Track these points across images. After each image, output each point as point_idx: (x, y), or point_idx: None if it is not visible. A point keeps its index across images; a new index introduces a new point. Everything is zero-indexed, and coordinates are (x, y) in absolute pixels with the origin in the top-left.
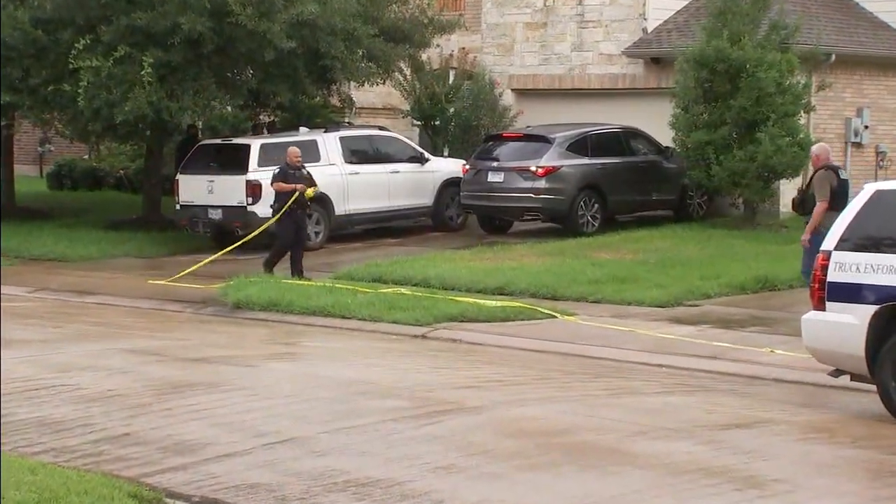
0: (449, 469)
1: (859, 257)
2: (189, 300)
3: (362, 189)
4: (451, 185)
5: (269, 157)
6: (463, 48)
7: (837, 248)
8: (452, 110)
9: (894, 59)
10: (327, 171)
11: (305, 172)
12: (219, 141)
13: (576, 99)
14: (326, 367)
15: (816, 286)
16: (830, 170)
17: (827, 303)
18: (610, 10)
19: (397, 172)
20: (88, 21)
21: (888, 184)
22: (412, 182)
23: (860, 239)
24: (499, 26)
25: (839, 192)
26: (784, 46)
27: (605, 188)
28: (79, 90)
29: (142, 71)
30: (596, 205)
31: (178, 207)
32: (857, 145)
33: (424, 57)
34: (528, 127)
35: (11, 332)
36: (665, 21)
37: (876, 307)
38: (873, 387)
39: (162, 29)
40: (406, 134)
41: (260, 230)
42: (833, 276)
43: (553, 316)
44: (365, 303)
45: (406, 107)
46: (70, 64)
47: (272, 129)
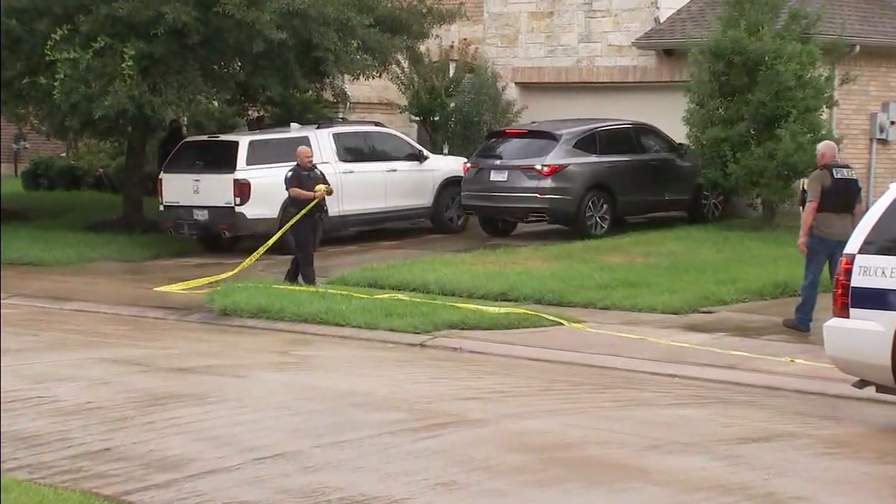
0: (449, 486)
1: (885, 261)
2: (173, 307)
3: (357, 189)
4: (452, 185)
5: (258, 155)
6: (464, 39)
7: (861, 251)
8: (453, 105)
9: None
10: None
11: (318, 172)
12: (205, 138)
13: (583, 93)
14: (319, 378)
15: (839, 291)
16: (826, 169)
17: (851, 309)
18: None
19: (394, 171)
20: (66, 10)
21: None
22: (410, 181)
23: (887, 241)
24: (502, 16)
25: (831, 193)
26: (805, 37)
27: (615, 188)
28: (55, 83)
29: (122, 63)
30: (605, 205)
31: (162, 208)
32: (883, 142)
33: (423, 48)
34: (533, 123)
35: None
36: (678, 10)
37: None
38: None
39: (144, 19)
40: (404, 130)
41: (280, 233)
42: (857, 281)
43: (559, 323)
44: (360, 309)
45: (403, 101)
46: (46, 56)
47: (261, 125)
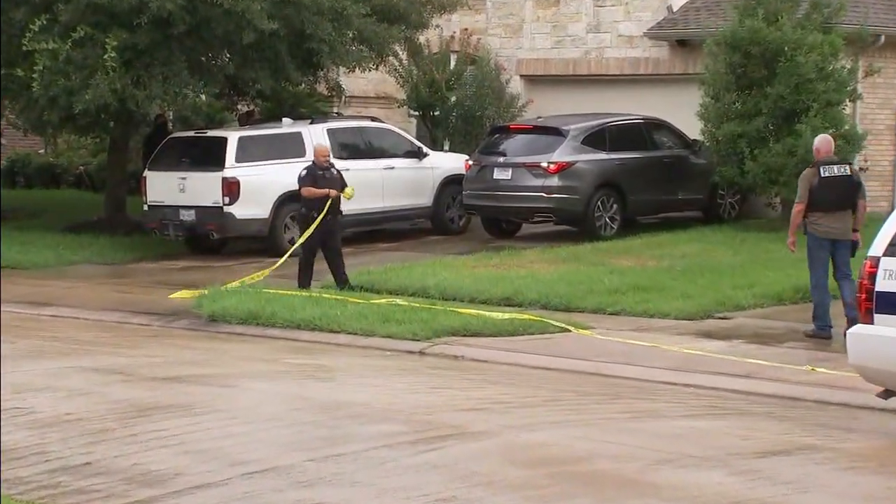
0: (450, 502)
1: None
2: (158, 312)
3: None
4: (453, 183)
5: (248, 152)
6: (465, 29)
7: (887, 254)
8: (454, 99)
9: None
10: None
11: (335, 172)
12: (191, 133)
13: (592, 86)
14: (313, 388)
15: (864, 296)
16: (815, 167)
17: (875, 315)
18: None
19: (392, 169)
20: None
21: None
22: (409, 180)
23: None
24: (506, 4)
25: (820, 191)
26: (827, 27)
27: (625, 186)
28: (33, 76)
29: (104, 55)
30: (615, 205)
31: (146, 208)
32: None
33: (422, 39)
34: (539, 118)
35: None
36: None
37: None
38: None
39: (127, 7)
40: (402, 126)
41: (302, 239)
42: (882, 286)
43: (567, 329)
44: (356, 315)
45: (402, 95)
46: (24, 46)
47: (251, 120)
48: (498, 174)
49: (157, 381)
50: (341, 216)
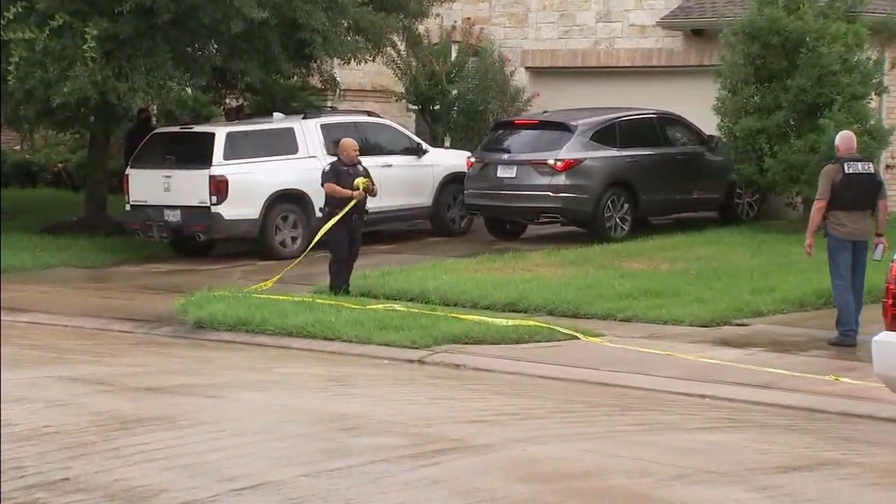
0: None
1: None
2: (141, 319)
3: None
4: (454, 182)
5: (237, 149)
6: (467, 18)
7: None
8: (455, 93)
9: None
10: (306, 165)
11: (362, 169)
12: (177, 129)
13: (602, 79)
14: (306, 398)
15: (890, 302)
16: (838, 163)
17: None
18: None
19: (389, 166)
20: None
21: None
22: (407, 178)
23: None
24: None
25: (842, 189)
26: (851, 15)
27: (637, 185)
28: (9, 67)
29: (84, 45)
30: (626, 205)
31: (128, 208)
32: None
33: (422, 29)
34: (546, 112)
35: None
36: None
37: None
38: None
39: None
40: (400, 121)
41: (319, 237)
42: None
43: (575, 337)
44: (351, 321)
45: (400, 89)
46: None
47: (240, 115)
48: (502, 172)
49: (141, 392)
50: (367, 215)
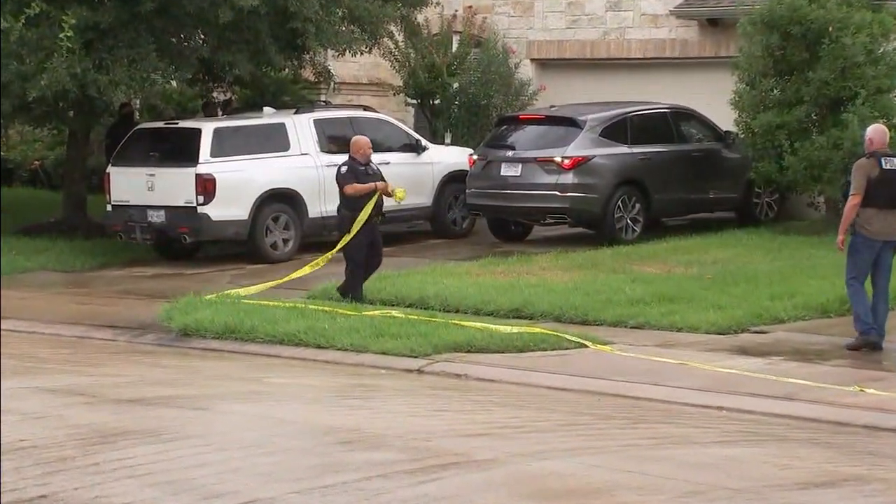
0: None
1: None
2: (123, 326)
3: None
4: (455, 181)
5: (226, 145)
6: (469, 7)
7: None
8: (456, 86)
9: None
10: (298, 163)
11: (375, 168)
12: (161, 124)
13: (612, 71)
14: (297, 410)
15: None
16: (873, 157)
17: None
18: None
19: (387, 164)
20: None
21: None
22: (406, 176)
23: None
24: None
25: (878, 185)
26: (876, 4)
27: (649, 184)
28: None
29: (62, 34)
30: (637, 205)
31: (110, 209)
32: None
33: (421, 18)
34: (552, 107)
35: None
36: None
37: None
38: None
39: None
40: (398, 116)
41: (345, 241)
42: None
43: (583, 345)
44: (346, 328)
45: (398, 82)
46: None
47: (228, 110)
48: (506, 170)
49: (122, 404)
50: (384, 217)
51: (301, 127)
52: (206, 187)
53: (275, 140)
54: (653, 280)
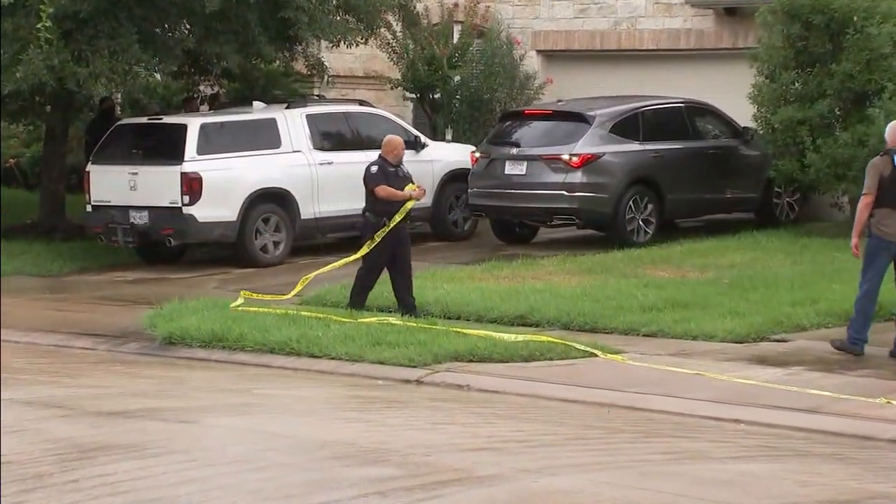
0: None
1: None
2: (104, 334)
3: (337, 184)
4: (456, 180)
5: (213, 142)
6: None
7: None
8: (458, 79)
9: None
10: (290, 161)
11: (406, 171)
12: (144, 120)
13: (623, 63)
14: (289, 424)
15: None
16: (887, 155)
17: None
18: None
19: None
20: None
21: None
22: None
23: None
24: None
25: (892, 184)
26: None
27: (663, 183)
28: None
29: (39, 24)
30: (650, 206)
31: (90, 209)
32: None
33: (420, 7)
34: (560, 101)
35: None
36: None
37: None
38: None
39: None
40: (396, 111)
41: (372, 246)
42: None
43: (592, 354)
44: (341, 337)
45: (396, 75)
46: None
47: (216, 104)
48: (510, 169)
49: (103, 417)
50: (411, 224)
51: (293, 123)
52: (192, 187)
53: (265, 136)
54: (666, 285)
